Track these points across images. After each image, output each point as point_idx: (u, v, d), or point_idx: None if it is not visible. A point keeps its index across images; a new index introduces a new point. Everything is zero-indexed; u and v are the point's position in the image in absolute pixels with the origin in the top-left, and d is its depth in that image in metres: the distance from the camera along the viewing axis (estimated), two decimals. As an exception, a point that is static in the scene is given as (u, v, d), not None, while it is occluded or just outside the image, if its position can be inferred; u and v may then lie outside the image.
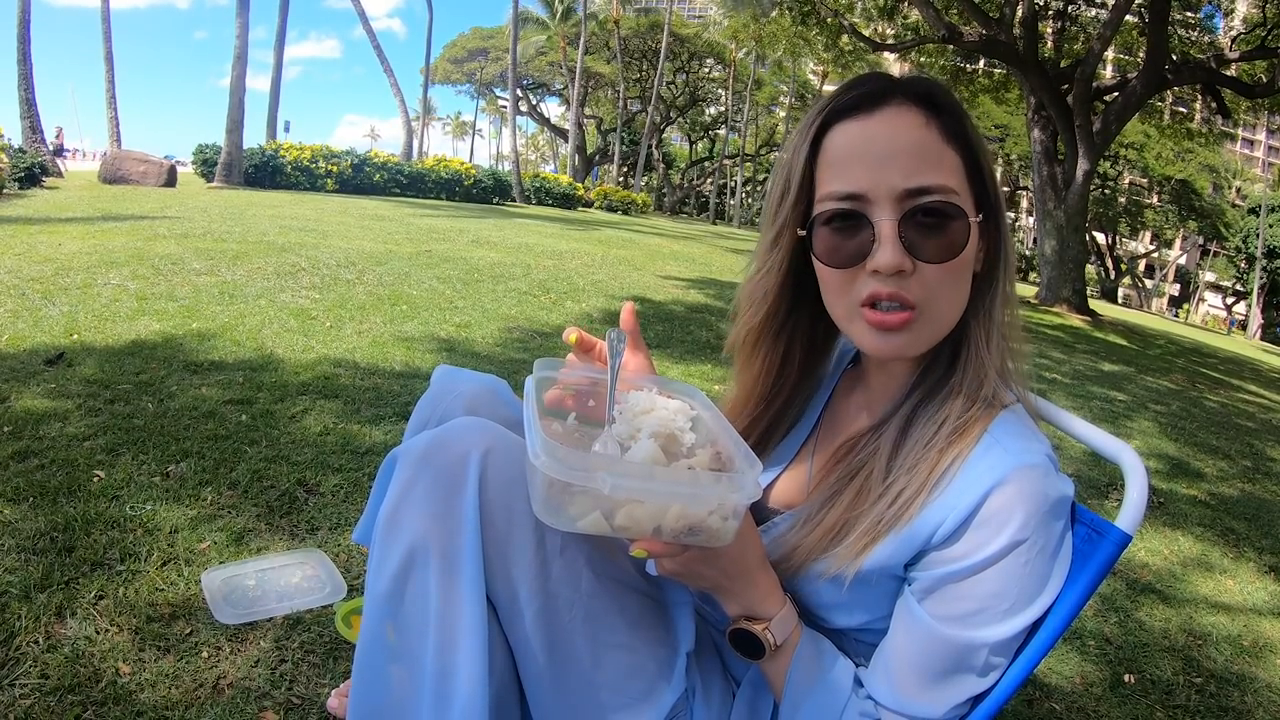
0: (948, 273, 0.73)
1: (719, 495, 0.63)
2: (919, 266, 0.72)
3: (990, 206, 0.77)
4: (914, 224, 0.71)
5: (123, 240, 5.63)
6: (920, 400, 0.78)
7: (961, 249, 0.73)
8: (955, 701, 0.72)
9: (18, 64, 14.67)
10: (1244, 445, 4.65)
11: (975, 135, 0.76)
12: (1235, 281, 41.39)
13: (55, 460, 2.05)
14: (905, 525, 0.71)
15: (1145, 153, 29.78)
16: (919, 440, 0.75)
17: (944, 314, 0.75)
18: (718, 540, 0.66)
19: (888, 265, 0.71)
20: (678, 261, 9.50)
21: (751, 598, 0.76)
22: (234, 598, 1.56)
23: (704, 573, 0.73)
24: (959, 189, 0.73)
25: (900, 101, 0.74)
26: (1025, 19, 12.54)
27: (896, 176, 0.71)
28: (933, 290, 0.73)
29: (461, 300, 4.93)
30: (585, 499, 0.63)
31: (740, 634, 0.76)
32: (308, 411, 2.65)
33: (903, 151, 0.72)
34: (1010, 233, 0.80)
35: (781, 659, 0.77)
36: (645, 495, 0.62)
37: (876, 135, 0.73)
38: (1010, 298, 0.79)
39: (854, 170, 0.73)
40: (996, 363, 0.76)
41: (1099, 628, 2.06)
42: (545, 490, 0.63)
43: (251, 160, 14.60)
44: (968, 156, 0.75)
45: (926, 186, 0.71)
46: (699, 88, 37.90)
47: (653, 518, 0.63)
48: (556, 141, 53.12)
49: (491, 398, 0.96)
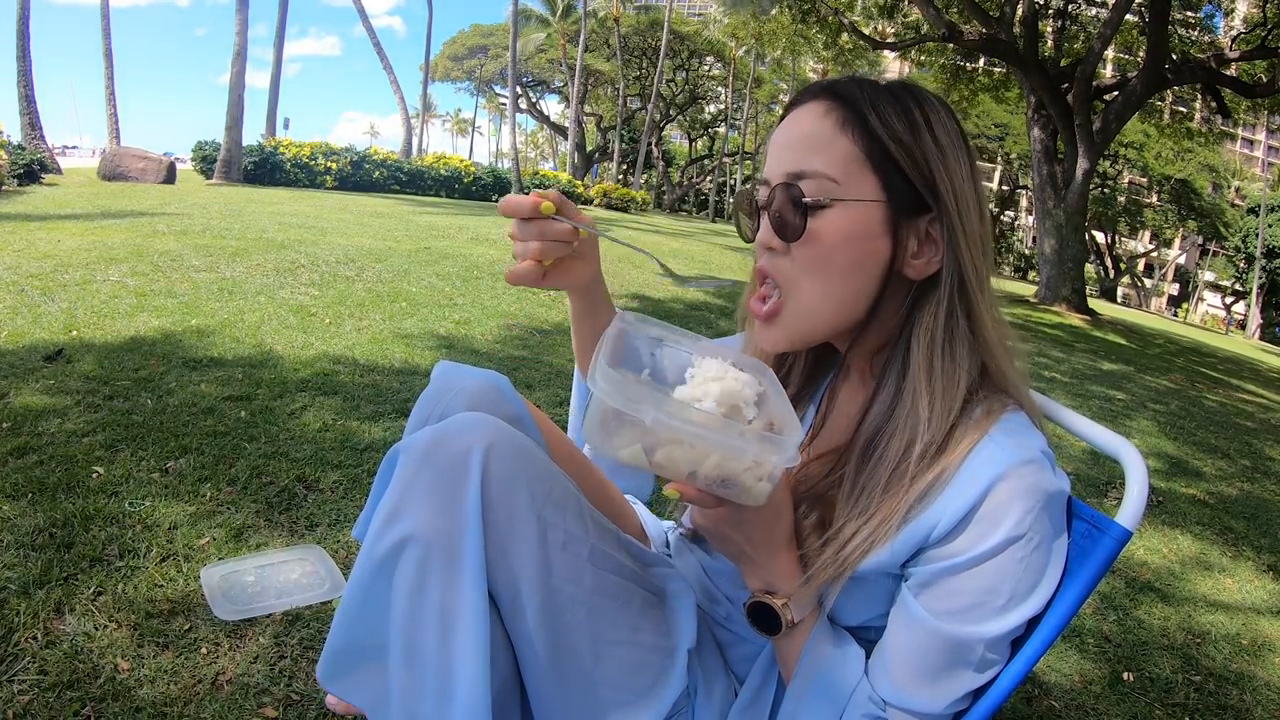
0: (810, 256, 0.75)
1: (757, 452, 0.64)
2: (790, 248, 0.75)
3: (920, 204, 0.74)
4: (785, 204, 0.75)
5: (122, 237, 5.62)
6: (874, 432, 0.76)
7: (819, 232, 0.74)
8: (954, 696, 0.72)
9: (17, 60, 14.67)
10: (1243, 444, 4.65)
11: (891, 127, 0.73)
12: (1234, 281, 41.40)
13: (54, 456, 2.04)
14: (898, 532, 0.71)
15: (1145, 152, 29.78)
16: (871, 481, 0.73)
17: (809, 304, 0.76)
18: (749, 498, 0.67)
19: (758, 241, 0.78)
20: (677, 259, 9.50)
21: (773, 572, 0.76)
22: (233, 594, 1.56)
23: (731, 535, 0.74)
24: (842, 178, 0.73)
25: (813, 97, 0.77)
26: (1025, 18, 12.54)
27: (782, 163, 0.76)
28: (795, 275, 0.76)
29: (461, 297, 4.93)
30: (631, 430, 0.64)
31: (759, 607, 0.77)
32: (307, 408, 2.65)
33: (793, 141, 0.77)
34: (972, 234, 0.74)
35: (797, 636, 0.77)
36: (686, 435, 0.63)
37: (787, 126, 0.78)
38: (973, 303, 0.75)
39: (768, 158, 0.80)
40: (948, 380, 0.73)
41: (1098, 626, 2.06)
42: (600, 419, 0.65)
43: (251, 157, 14.58)
44: (870, 147, 0.73)
45: (801, 171, 0.74)
46: (699, 85, 37.85)
47: (690, 461, 0.64)
48: (556, 139, 53.08)
49: (493, 394, 0.96)
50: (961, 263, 0.74)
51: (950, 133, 0.75)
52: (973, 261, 0.74)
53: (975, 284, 0.75)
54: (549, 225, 0.84)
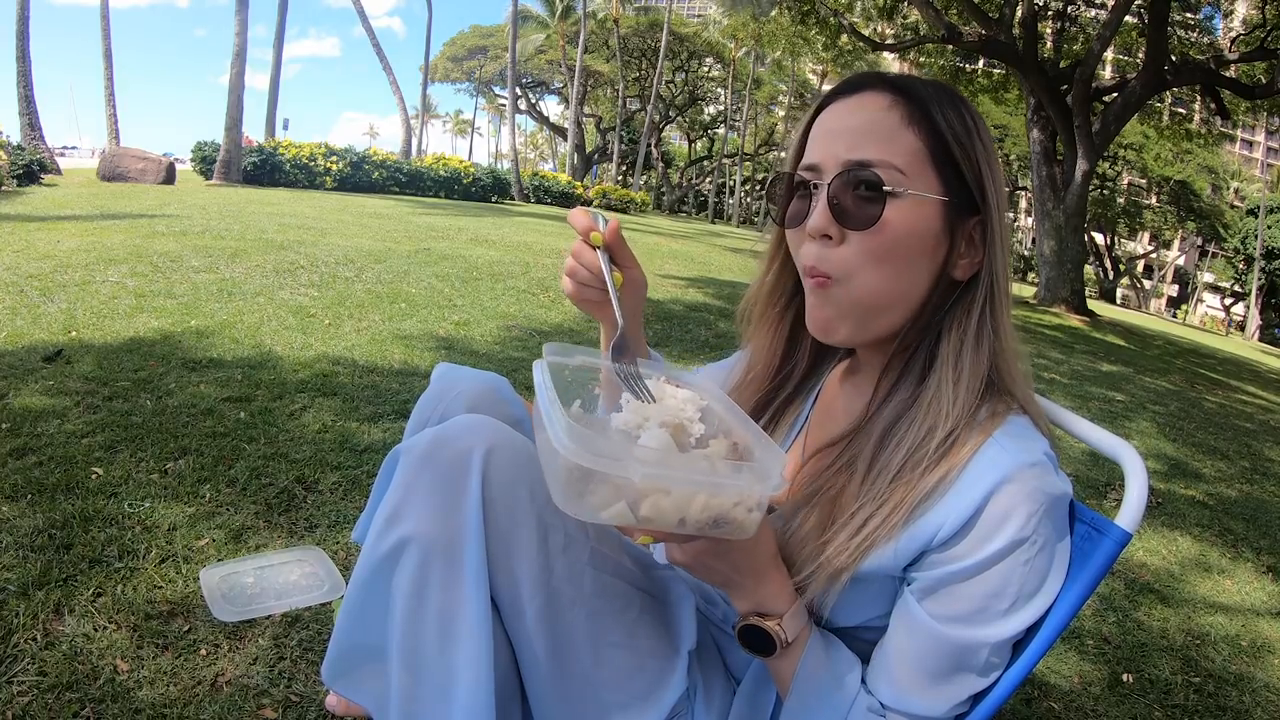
0: (871, 246, 0.73)
1: (744, 486, 0.61)
2: (847, 236, 0.73)
3: (972, 205, 0.75)
4: (846, 192, 0.73)
5: (121, 237, 5.62)
6: (892, 420, 0.76)
7: (880, 219, 0.72)
8: (956, 700, 0.72)
9: (16, 61, 14.67)
10: (1242, 446, 4.65)
11: (953, 127, 0.74)
12: (1234, 282, 41.41)
13: (53, 457, 2.04)
14: (902, 531, 0.70)
15: (1144, 153, 29.77)
16: (887, 467, 0.73)
17: (865, 294, 0.74)
18: (742, 532, 0.64)
19: (814, 226, 0.74)
20: (676, 260, 9.50)
21: (763, 594, 0.74)
22: (232, 595, 1.56)
23: (714, 566, 0.72)
24: (908, 170, 0.72)
25: (875, 87, 0.76)
26: (1025, 19, 12.55)
27: (843, 148, 0.74)
28: (853, 264, 0.74)
29: (460, 298, 4.93)
30: (608, 488, 0.60)
31: (750, 630, 0.75)
32: (306, 409, 2.65)
33: (857, 127, 0.74)
34: (1005, 238, 0.77)
35: (791, 656, 0.76)
36: (678, 484, 0.60)
37: (842, 113, 0.76)
38: (999, 305, 0.76)
39: (817, 144, 0.77)
40: (972, 378, 0.73)
41: (1098, 627, 2.06)
42: (565, 478, 0.61)
43: (250, 158, 14.57)
44: (934, 144, 0.74)
45: (866, 160, 0.73)
46: (698, 86, 37.86)
47: (678, 508, 0.61)
48: (555, 140, 53.07)
49: (493, 396, 0.96)
50: (996, 267, 0.76)
51: (989, 138, 0.76)
52: (1005, 266, 0.76)
53: (1004, 288, 0.76)
54: (586, 253, 0.84)
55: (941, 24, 12.64)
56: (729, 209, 42.01)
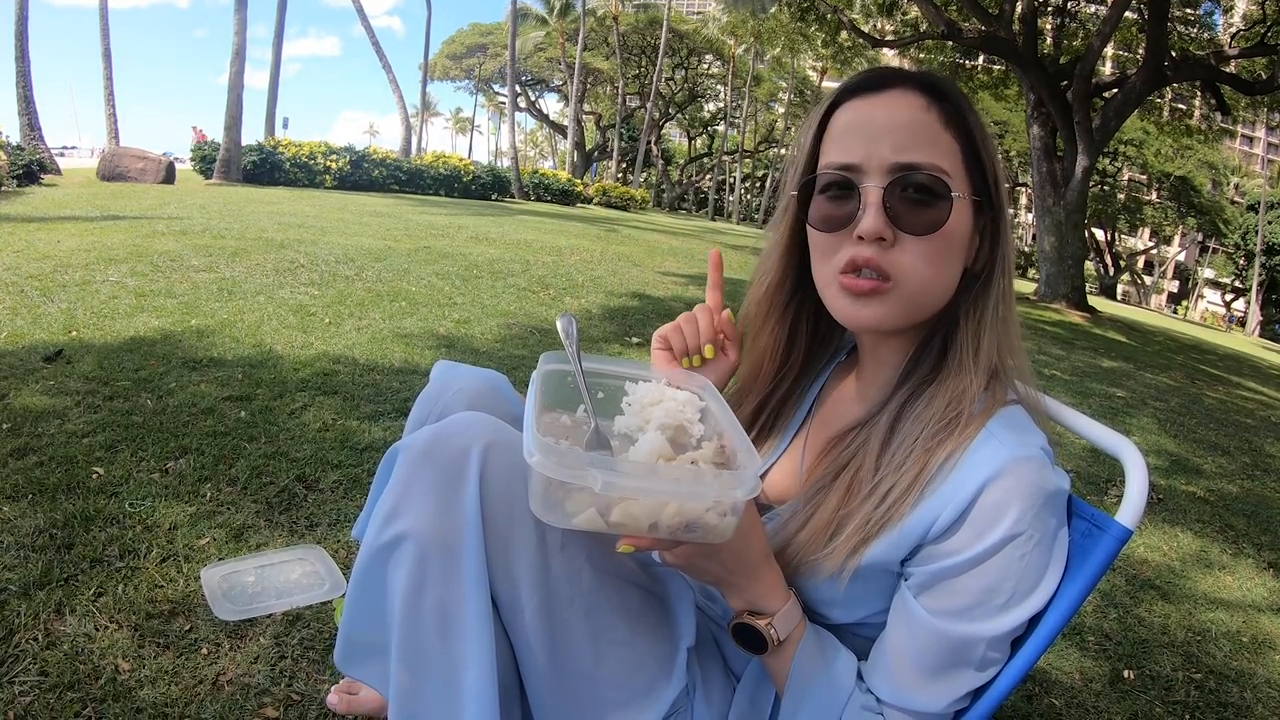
0: (928, 249, 0.74)
1: (716, 492, 0.62)
2: (900, 238, 0.74)
3: (990, 202, 0.77)
4: (899, 195, 0.73)
5: (121, 237, 5.62)
6: (909, 396, 0.78)
7: (944, 226, 0.74)
8: (955, 695, 0.72)
9: (16, 61, 14.66)
10: (1243, 442, 4.65)
11: (979, 129, 0.77)
12: (1234, 278, 41.42)
13: (54, 457, 2.04)
14: (899, 522, 0.71)
15: (1144, 149, 29.74)
16: (908, 437, 0.74)
17: (919, 292, 0.75)
18: (717, 536, 0.66)
19: (870, 230, 0.73)
20: (677, 258, 9.49)
21: (755, 592, 0.75)
22: (233, 594, 1.56)
23: (705, 566, 0.73)
24: (952, 172, 0.74)
25: (905, 86, 0.76)
26: (1025, 15, 12.52)
27: (888, 150, 0.73)
28: (910, 264, 0.74)
29: (460, 296, 4.92)
30: (581, 496, 0.62)
31: (743, 628, 0.76)
32: (307, 408, 2.65)
33: (899, 128, 0.74)
34: (1011, 232, 0.80)
35: (785, 654, 0.76)
36: (638, 493, 0.61)
37: (876, 112, 0.75)
38: (1008, 296, 0.79)
39: (851, 142, 0.76)
40: (987, 362, 0.76)
41: (1098, 623, 2.06)
42: (542, 487, 0.63)
43: (250, 157, 14.56)
44: (967, 146, 0.76)
45: (917, 163, 0.73)
46: (698, 84, 37.82)
47: (649, 514, 0.63)
48: (555, 137, 53.04)
49: (492, 393, 0.96)
50: (1006, 260, 0.79)
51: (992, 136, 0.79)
52: (1012, 259, 0.80)
53: (1010, 281, 0.79)
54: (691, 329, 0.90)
55: (941, 20, 12.62)
56: (729, 206, 41.97)
